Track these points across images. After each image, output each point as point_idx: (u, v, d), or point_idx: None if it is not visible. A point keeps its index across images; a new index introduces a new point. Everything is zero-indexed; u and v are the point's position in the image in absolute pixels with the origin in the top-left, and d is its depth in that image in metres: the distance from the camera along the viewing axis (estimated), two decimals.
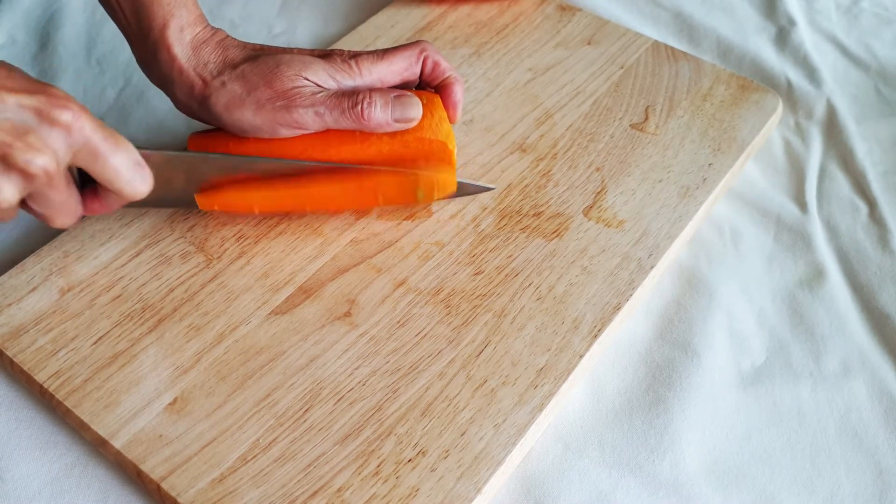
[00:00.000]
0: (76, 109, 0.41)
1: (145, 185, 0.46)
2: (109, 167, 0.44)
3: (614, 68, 0.66)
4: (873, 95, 0.69)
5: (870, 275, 0.57)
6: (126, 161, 0.44)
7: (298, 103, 0.50)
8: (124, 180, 0.45)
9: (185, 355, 0.49)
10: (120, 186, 0.45)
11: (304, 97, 0.50)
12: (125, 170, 0.44)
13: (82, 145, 0.42)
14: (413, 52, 0.54)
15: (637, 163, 0.60)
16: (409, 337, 0.50)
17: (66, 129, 0.41)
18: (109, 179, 0.44)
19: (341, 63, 0.52)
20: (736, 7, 0.76)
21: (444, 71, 0.55)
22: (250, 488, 0.44)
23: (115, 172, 0.44)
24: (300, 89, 0.50)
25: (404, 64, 0.53)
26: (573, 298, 0.52)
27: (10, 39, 0.71)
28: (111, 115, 0.66)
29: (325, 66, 0.51)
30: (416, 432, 0.46)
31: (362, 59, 0.53)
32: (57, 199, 0.44)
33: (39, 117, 0.40)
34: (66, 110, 0.41)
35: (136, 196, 0.46)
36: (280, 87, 0.50)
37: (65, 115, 0.41)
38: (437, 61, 0.54)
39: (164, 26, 0.50)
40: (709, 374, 0.51)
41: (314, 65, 0.51)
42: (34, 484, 0.46)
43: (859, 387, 0.51)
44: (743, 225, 0.60)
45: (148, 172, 0.46)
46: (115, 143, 0.44)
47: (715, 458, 0.48)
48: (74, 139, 0.42)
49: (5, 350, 0.49)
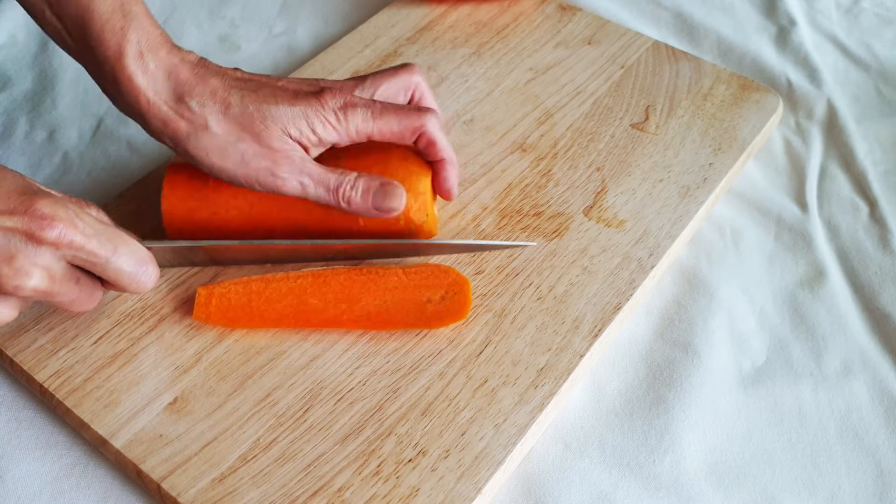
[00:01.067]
0: (63, 224, 0.40)
1: (150, 282, 0.45)
2: (110, 270, 0.43)
3: (615, 68, 0.66)
4: (874, 95, 0.69)
5: (870, 275, 0.57)
6: (127, 262, 0.44)
7: (285, 169, 0.47)
8: (127, 281, 0.44)
9: (186, 355, 0.49)
10: (124, 286, 0.45)
11: (291, 162, 0.47)
12: (127, 270, 0.44)
13: (75, 255, 0.42)
14: (410, 123, 0.49)
15: (637, 162, 0.60)
16: (410, 336, 0.50)
17: (54, 246, 0.41)
18: (112, 280, 0.44)
19: (330, 112, 0.48)
20: (736, 7, 0.76)
21: (439, 152, 0.51)
22: (250, 488, 0.44)
23: (117, 274, 0.44)
24: (288, 152, 0.47)
25: (397, 130, 0.49)
26: (573, 298, 0.52)
27: (11, 40, 0.71)
28: (111, 115, 0.66)
29: (311, 115, 0.47)
30: (417, 432, 0.46)
31: (353, 114, 0.48)
32: (66, 300, 0.43)
33: (26, 238, 0.40)
34: (52, 228, 0.40)
35: (142, 290, 0.46)
36: (267, 143, 0.47)
37: (51, 233, 0.40)
38: (433, 141, 0.50)
39: (119, 55, 0.45)
40: (709, 374, 0.51)
41: (298, 119, 0.47)
42: (34, 484, 0.46)
43: (860, 387, 0.51)
44: (743, 225, 0.60)
45: (153, 269, 0.45)
46: (112, 246, 0.43)
47: (715, 458, 0.48)
48: (65, 253, 0.41)
49: (5, 350, 0.49)
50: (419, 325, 0.50)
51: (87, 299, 0.45)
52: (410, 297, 0.50)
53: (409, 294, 0.50)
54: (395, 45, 0.68)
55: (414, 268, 0.51)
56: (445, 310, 0.50)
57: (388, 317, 0.50)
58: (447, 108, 0.63)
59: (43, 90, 0.68)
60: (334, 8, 0.75)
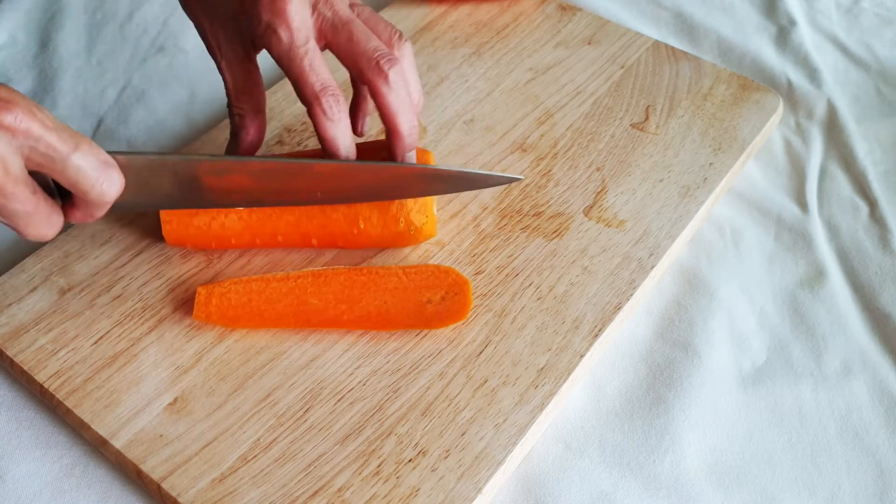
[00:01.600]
0: (21, 110, 0.37)
1: (113, 187, 0.42)
2: (70, 168, 0.40)
3: (615, 68, 0.66)
4: (874, 95, 0.69)
5: (870, 275, 0.57)
6: (88, 161, 0.40)
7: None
8: (89, 182, 0.41)
9: (186, 355, 0.49)
10: (85, 189, 0.41)
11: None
12: (89, 170, 0.40)
13: (32, 147, 0.38)
14: (369, 53, 0.47)
15: (638, 162, 0.60)
16: (410, 336, 0.50)
17: (10, 132, 0.37)
18: (72, 182, 0.40)
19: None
20: (736, 7, 0.76)
21: (386, 116, 0.48)
22: (251, 488, 0.44)
23: (77, 173, 0.40)
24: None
25: (357, 51, 0.47)
26: (574, 298, 0.52)
27: (11, 40, 0.71)
28: (111, 115, 0.66)
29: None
30: (417, 432, 0.46)
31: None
32: (21, 209, 0.40)
33: None
34: (7, 112, 0.37)
35: (105, 198, 0.42)
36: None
37: (6, 117, 0.37)
38: (380, 96, 0.47)
39: None
40: (709, 374, 0.51)
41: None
42: (34, 484, 0.46)
43: (860, 387, 0.51)
44: (743, 225, 0.60)
45: (116, 173, 0.42)
46: (73, 142, 0.40)
47: (716, 458, 0.48)
48: (21, 142, 0.38)
49: (6, 350, 0.49)
50: (419, 325, 0.50)
51: (45, 221, 0.41)
52: (410, 297, 0.50)
53: (409, 294, 0.50)
54: None
55: (414, 268, 0.51)
56: (446, 310, 0.50)
57: (389, 317, 0.50)
58: (447, 108, 0.63)
59: (43, 90, 0.68)
60: None
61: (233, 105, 0.50)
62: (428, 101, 0.64)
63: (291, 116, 0.62)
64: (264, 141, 0.60)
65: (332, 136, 0.47)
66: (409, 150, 0.50)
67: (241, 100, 0.50)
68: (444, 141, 0.61)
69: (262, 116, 0.51)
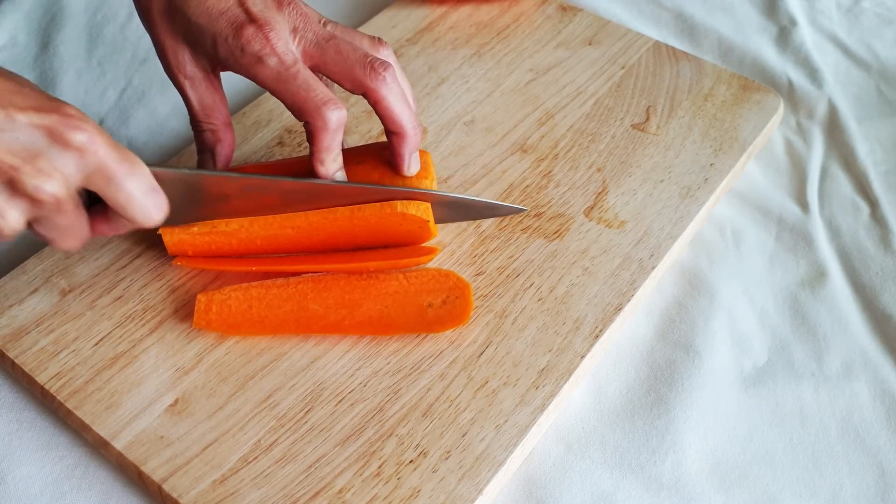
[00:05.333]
0: (91, 130, 0.39)
1: (160, 214, 0.43)
2: (123, 192, 0.41)
3: (615, 68, 0.66)
4: (875, 95, 0.69)
5: (871, 275, 0.56)
6: (140, 186, 0.41)
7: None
8: (137, 207, 0.42)
9: (187, 356, 0.49)
10: (133, 214, 0.42)
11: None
12: (139, 195, 0.41)
13: (95, 169, 0.39)
14: (360, 64, 0.47)
15: (638, 163, 0.60)
16: (411, 338, 0.50)
17: (79, 152, 0.38)
18: (122, 205, 0.42)
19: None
20: (737, 7, 0.76)
21: (388, 120, 0.48)
22: (251, 489, 0.44)
23: (129, 198, 0.41)
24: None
25: (346, 66, 0.47)
26: (574, 299, 0.52)
27: (12, 41, 0.71)
28: (112, 115, 0.66)
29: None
30: (418, 433, 0.46)
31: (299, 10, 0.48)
32: (64, 224, 0.41)
33: (51, 139, 0.38)
34: (81, 131, 0.38)
35: (149, 224, 0.43)
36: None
37: (79, 136, 0.38)
38: (380, 100, 0.47)
39: None
40: (710, 374, 0.51)
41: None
42: (35, 485, 0.46)
43: (861, 387, 0.51)
44: (744, 225, 0.59)
45: (163, 199, 0.43)
46: (129, 166, 0.41)
47: (717, 458, 0.48)
48: (87, 162, 0.39)
49: (7, 351, 0.49)
50: (420, 329, 0.50)
51: (77, 233, 0.42)
52: (411, 301, 0.50)
53: (409, 299, 0.50)
54: (396, 46, 0.68)
55: (414, 272, 0.51)
56: (447, 314, 0.50)
57: (390, 322, 0.49)
58: (448, 109, 0.63)
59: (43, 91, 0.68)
60: (335, 9, 0.75)
61: (202, 122, 0.50)
62: (428, 101, 0.64)
63: (291, 117, 0.62)
64: (264, 141, 0.61)
65: (329, 155, 0.47)
66: (415, 151, 0.50)
67: (211, 117, 0.50)
68: (445, 142, 0.61)
69: (231, 127, 0.51)
